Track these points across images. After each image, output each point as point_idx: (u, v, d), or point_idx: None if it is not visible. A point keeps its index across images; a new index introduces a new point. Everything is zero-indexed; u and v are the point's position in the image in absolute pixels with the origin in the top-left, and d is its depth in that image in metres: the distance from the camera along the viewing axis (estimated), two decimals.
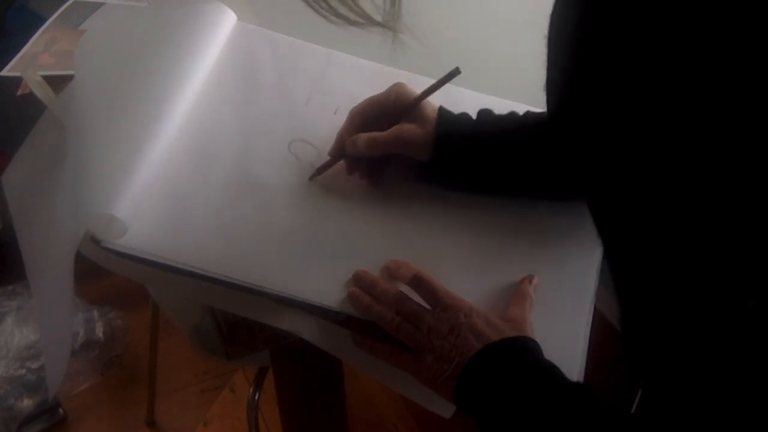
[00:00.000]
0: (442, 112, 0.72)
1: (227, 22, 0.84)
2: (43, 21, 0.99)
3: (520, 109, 0.76)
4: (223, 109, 0.77)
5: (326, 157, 0.74)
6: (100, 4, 0.99)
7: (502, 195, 0.74)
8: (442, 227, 0.72)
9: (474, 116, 0.73)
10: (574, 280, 0.70)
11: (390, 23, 0.55)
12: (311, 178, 0.73)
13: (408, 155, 0.72)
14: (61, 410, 1.53)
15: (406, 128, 0.71)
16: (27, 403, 1.49)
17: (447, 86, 0.72)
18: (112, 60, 0.77)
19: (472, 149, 0.71)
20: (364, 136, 0.71)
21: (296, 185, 0.72)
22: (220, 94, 0.79)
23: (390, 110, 0.72)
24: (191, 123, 0.74)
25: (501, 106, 0.76)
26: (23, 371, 1.51)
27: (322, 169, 0.73)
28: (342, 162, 0.74)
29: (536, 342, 0.61)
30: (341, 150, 0.73)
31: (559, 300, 0.68)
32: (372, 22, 0.55)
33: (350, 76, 0.80)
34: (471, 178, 0.73)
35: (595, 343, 0.67)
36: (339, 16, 0.54)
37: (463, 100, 0.79)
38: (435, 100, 0.73)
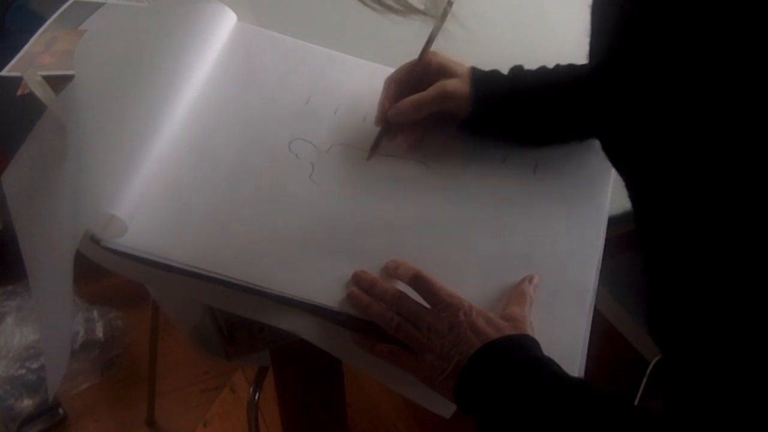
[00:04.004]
0: (474, 68, 0.75)
1: (227, 22, 0.84)
2: (43, 21, 0.99)
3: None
4: (223, 108, 0.77)
5: (326, 157, 0.74)
6: (100, 4, 0.99)
7: (533, 143, 0.78)
8: (442, 227, 0.72)
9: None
10: (574, 280, 0.70)
11: (431, 11, 0.55)
12: (369, 158, 0.75)
13: (450, 111, 0.74)
14: (61, 410, 1.53)
15: (449, 83, 0.73)
16: (27, 403, 1.49)
17: None
18: (112, 60, 0.77)
19: (510, 102, 0.74)
20: (408, 100, 0.73)
21: (297, 185, 0.72)
22: (221, 93, 0.79)
23: (421, 74, 0.74)
24: (191, 123, 0.74)
25: None
26: (23, 371, 1.51)
27: (376, 145, 0.75)
28: (340, 164, 0.74)
29: (536, 340, 0.61)
30: (386, 119, 0.75)
31: (559, 300, 0.68)
32: (413, 10, 0.55)
33: (350, 76, 0.80)
34: (509, 130, 0.77)
35: (595, 343, 0.67)
36: (381, 3, 0.54)
37: None
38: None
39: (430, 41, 0.73)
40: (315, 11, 0.94)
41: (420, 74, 0.75)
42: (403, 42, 0.70)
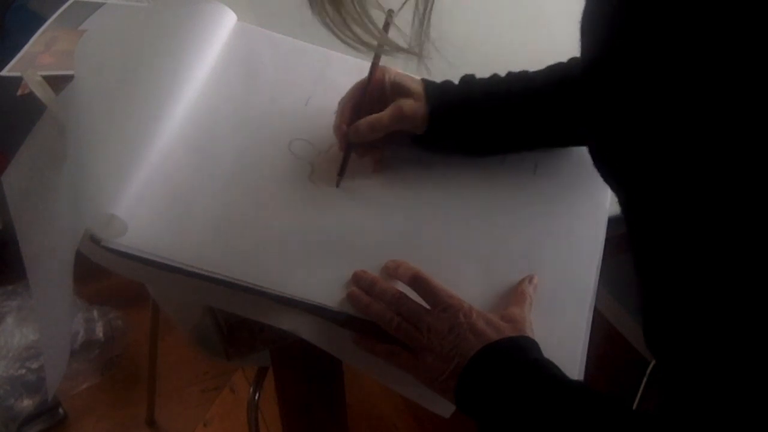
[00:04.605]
0: (427, 83, 0.74)
1: (227, 22, 0.84)
2: (43, 21, 0.99)
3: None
4: (223, 108, 0.77)
5: (326, 157, 0.74)
6: (100, 4, 0.99)
7: (493, 154, 0.77)
8: (441, 227, 0.72)
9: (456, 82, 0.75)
10: (574, 280, 0.70)
11: (415, 49, 0.55)
12: (338, 185, 0.73)
13: (406, 130, 0.74)
14: (61, 410, 1.53)
15: (406, 103, 0.72)
16: (27, 403, 1.49)
17: None
18: (112, 60, 0.77)
19: (463, 117, 0.73)
20: (364, 121, 0.72)
21: (296, 185, 0.72)
22: (220, 94, 0.79)
23: (376, 93, 0.74)
24: (191, 123, 0.74)
25: None
26: (23, 371, 1.51)
27: (342, 171, 0.73)
28: (337, 162, 0.74)
29: (535, 342, 0.61)
30: (347, 141, 0.73)
31: (559, 300, 0.68)
32: (398, 49, 0.55)
33: (350, 76, 0.80)
34: (464, 143, 0.76)
35: (595, 343, 0.67)
36: (364, 44, 0.54)
37: None
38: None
39: (376, 59, 0.72)
40: None
41: (374, 93, 0.74)
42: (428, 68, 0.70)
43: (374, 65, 0.73)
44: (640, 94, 0.46)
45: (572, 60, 0.75)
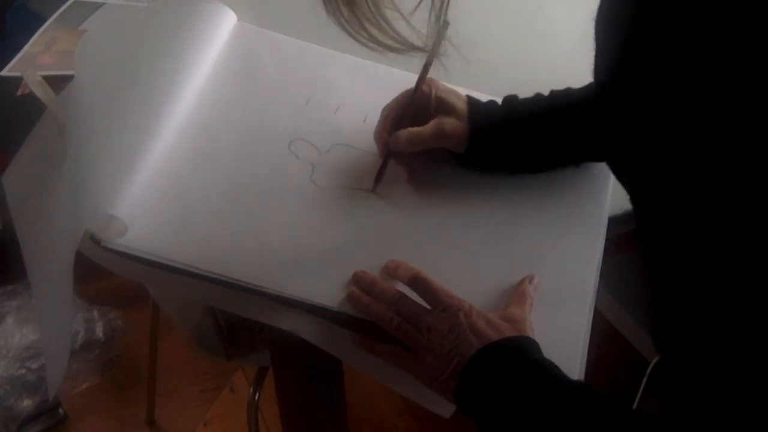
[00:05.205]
0: (472, 102, 0.73)
1: (227, 22, 0.85)
2: (43, 21, 0.99)
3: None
4: (223, 108, 0.77)
5: (326, 157, 0.74)
6: (100, 4, 0.99)
7: (528, 172, 0.77)
8: (442, 228, 0.72)
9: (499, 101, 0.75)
10: (574, 280, 0.70)
11: (431, 47, 0.55)
12: (374, 190, 0.73)
13: (446, 148, 0.73)
14: (61, 410, 1.53)
15: (447, 122, 0.72)
16: (27, 403, 1.49)
17: None
18: (112, 60, 0.77)
19: (503, 138, 0.73)
20: (405, 133, 0.72)
21: (297, 185, 0.72)
22: (221, 94, 0.79)
23: (420, 105, 0.73)
24: (191, 123, 0.74)
25: None
26: (23, 371, 1.51)
27: (379, 178, 0.73)
28: (341, 164, 0.74)
29: (536, 342, 0.61)
30: (387, 149, 0.73)
31: (559, 300, 0.68)
32: (412, 47, 0.55)
33: (350, 76, 0.80)
34: (503, 163, 0.75)
35: (595, 343, 0.67)
36: (379, 43, 0.54)
37: None
38: None
39: (425, 70, 0.71)
40: (315, 12, 0.94)
41: (418, 104, 0.73)
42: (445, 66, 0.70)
43: (422, 76, 0.72)
44: (655, 103, 0.46)
45: None
